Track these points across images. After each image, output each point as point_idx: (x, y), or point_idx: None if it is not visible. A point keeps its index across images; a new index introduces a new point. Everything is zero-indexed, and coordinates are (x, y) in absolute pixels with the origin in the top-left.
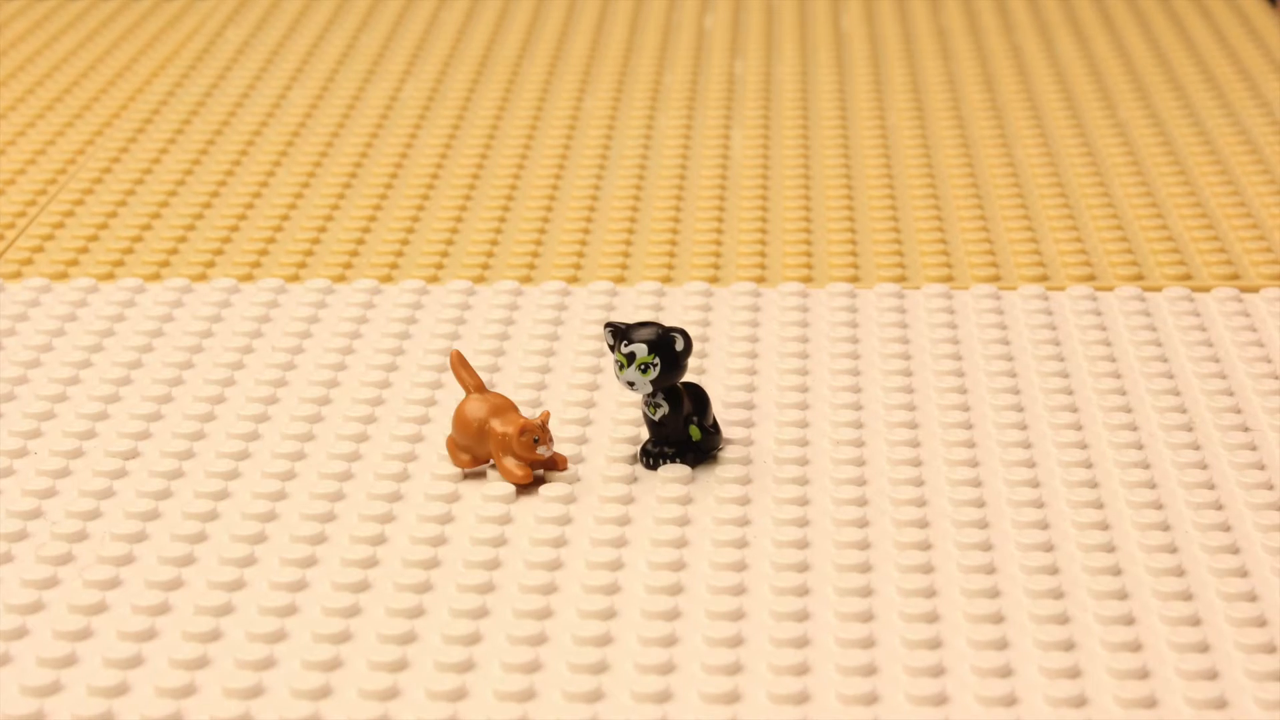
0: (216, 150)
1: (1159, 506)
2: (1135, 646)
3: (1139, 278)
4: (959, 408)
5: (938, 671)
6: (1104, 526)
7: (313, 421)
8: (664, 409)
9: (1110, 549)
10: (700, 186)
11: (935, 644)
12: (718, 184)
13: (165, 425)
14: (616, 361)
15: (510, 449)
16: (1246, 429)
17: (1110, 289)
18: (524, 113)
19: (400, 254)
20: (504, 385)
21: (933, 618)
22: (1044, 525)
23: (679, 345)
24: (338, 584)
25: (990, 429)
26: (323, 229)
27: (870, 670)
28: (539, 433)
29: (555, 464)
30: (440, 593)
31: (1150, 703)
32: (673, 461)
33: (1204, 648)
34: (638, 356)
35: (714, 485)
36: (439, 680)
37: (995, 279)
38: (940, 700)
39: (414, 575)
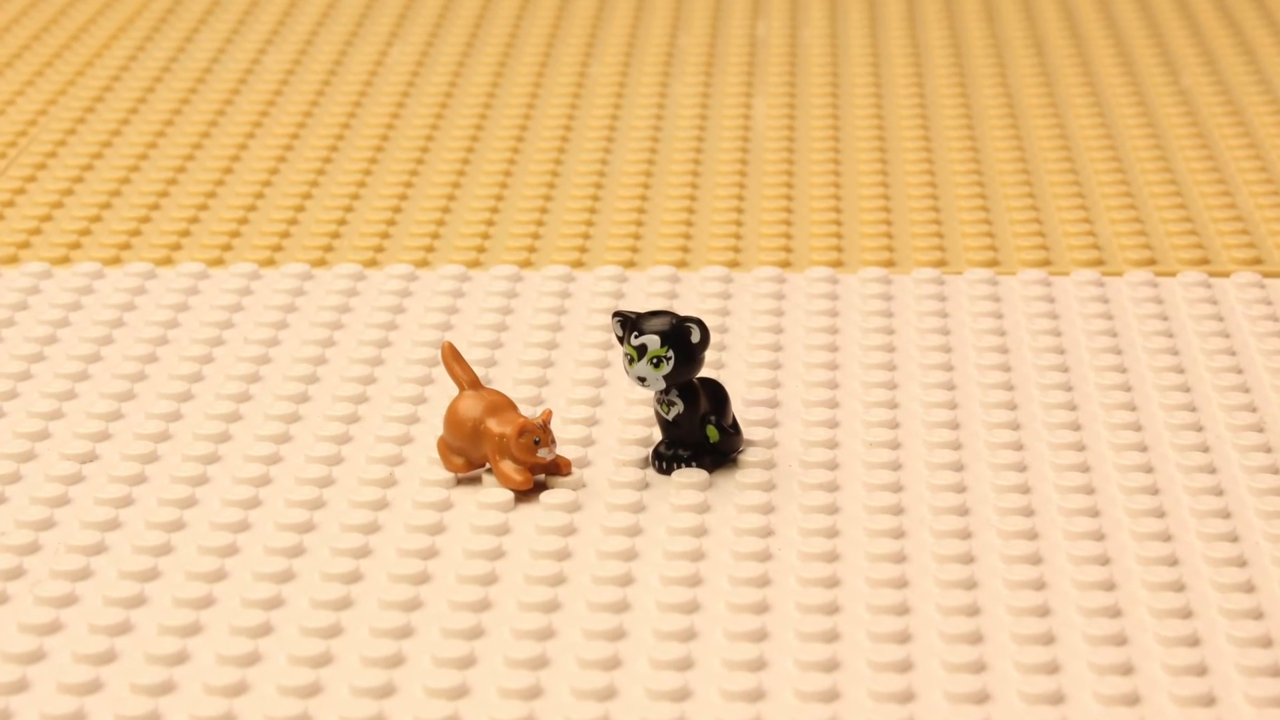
0: (182, 121)
1: (1226, 515)
2: (1200, 670)
3: (1204, 262)
4: (1005, 406)
5: (982, 698)
6: (1165, 538)
7: (289, 421)
8: (678, 407)
9: (1172, 562)
10: (718, 161)
11: (979, 668)
12: (738, 158)
13: (126, 425)
14: (626, 355)
15: (508, 451)
16: None
17: (1173, 274)
18: (523, 79)
19: (386, 235)
20: (501, 381)
21: (976, 639)
22: (1099, 536)
23: (695, 336)
24: (317, 601)
25: (1040, 429)
26: (300, 208)
27: (907, 697)
28: (540, 433)
29: (558, 468)
30: (431, 611)
31: None
32: (688, 465)
33: (1275, 672)
34: (649, 349)
35: (734, 492)
36: (429, 707)
37: (1045, 264)
38: None
39: (401, 591)
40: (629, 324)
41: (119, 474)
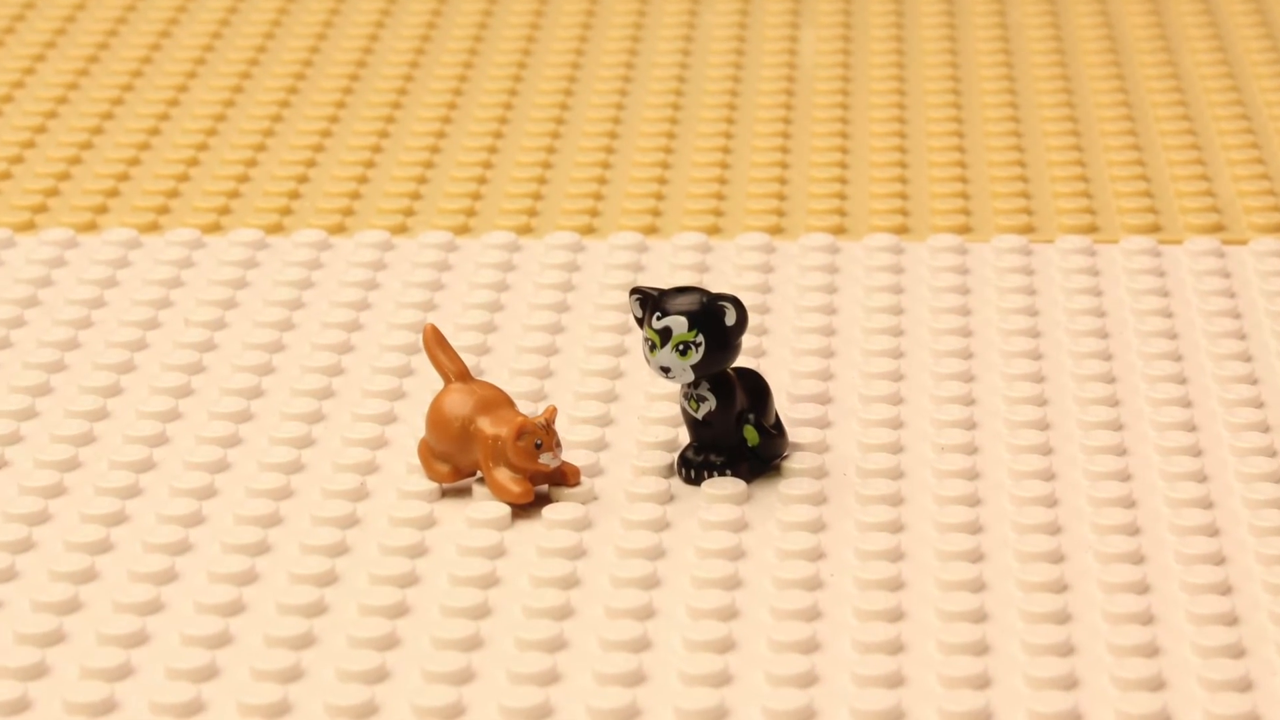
0: (109, 58)
1: None
2: None
3: None
4: (1105, 402)
5: None
6: None
7: (239, 421)
8: (710, 404)
9: None
10: (758, 106)
11: (1074, 719)
12: (781, 102)
13: (42, 425)
14: (647, 340)
15: (504, 457)
16: None
17: None
18: (521, 7)
19: (356, 195)
20: (495, 372)
21: (1070, 683)
22: (1219, 560)
23: (730, 318)
24: (272, 639)
25: (1147, 430)
26: (252, 162)
27: None
28: (542, 435)
29: (564, 477)
30: (410, 649)
31: None
32: (721, 474)
33: None
34: (675, 334)
35: (776, 506)
36: None
37: (1154, 229)
38: None
39: (375, 626)
40: (650, 303)
41: (31, 484)
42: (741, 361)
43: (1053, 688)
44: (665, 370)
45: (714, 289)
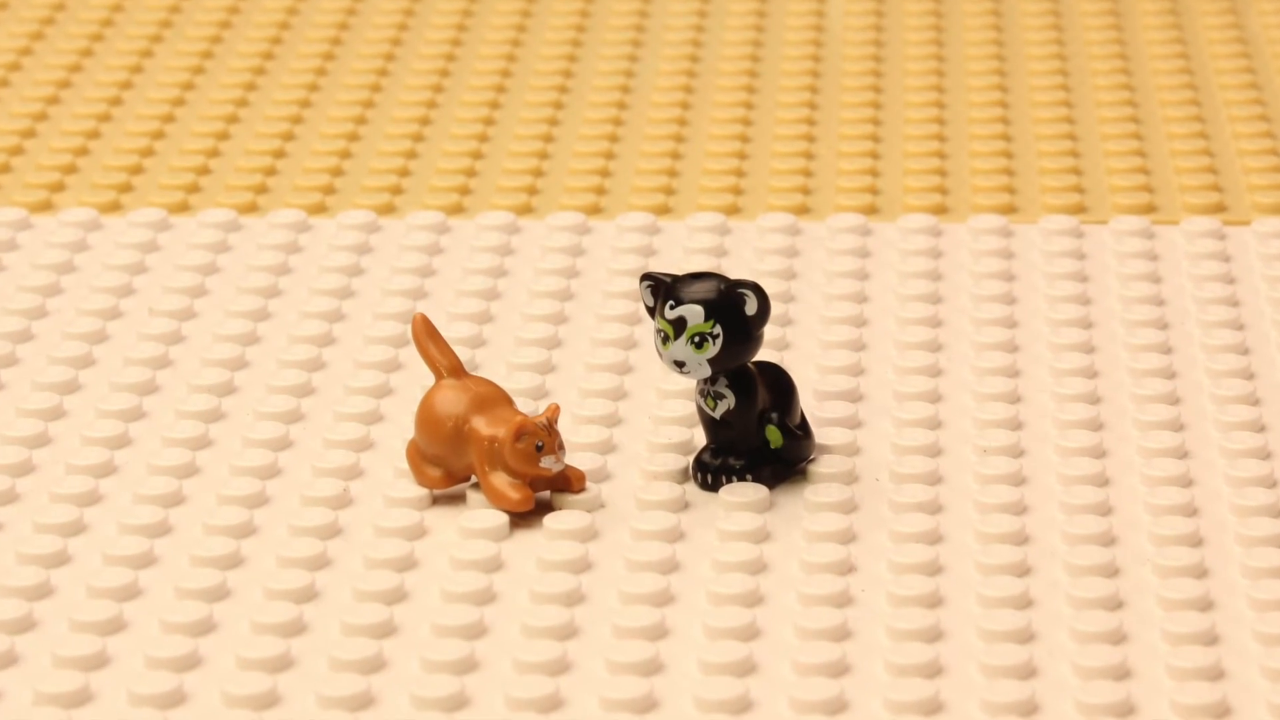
0: (67, 20)
1: None
2: None
3: None
4: (1164, 400)
5: None
6: None
7: (209, 420)
8: (728, 401)
9: None
10: (780, 74)
11: None
12: (807, 69)
13: None
14: (659, 331)
15: (501, 460)
16: None
17: None
18: None
19: (338, 171)
20: (491, 367)
21: (1126, 710)
22: None
23: (750, 307)
24: (246, 660)
25: (1210, 431)
26: (223, 134)
27: None
28: (543, 436)
29: (567, 482)
30: (398, 672)
31: None
32: (741, 479)
33: None
34: (690, 324)
35: (802, 515)
36: None
37: (1218, 209)
38: None
39: (359, 648)
40: (663, 291)
41: None
42: (764, 355)
43: (1107, 715)
44: (679, 365)
45: (733, 275)
